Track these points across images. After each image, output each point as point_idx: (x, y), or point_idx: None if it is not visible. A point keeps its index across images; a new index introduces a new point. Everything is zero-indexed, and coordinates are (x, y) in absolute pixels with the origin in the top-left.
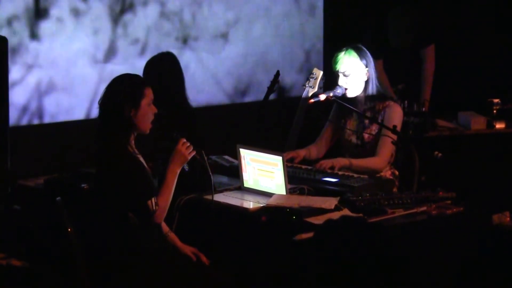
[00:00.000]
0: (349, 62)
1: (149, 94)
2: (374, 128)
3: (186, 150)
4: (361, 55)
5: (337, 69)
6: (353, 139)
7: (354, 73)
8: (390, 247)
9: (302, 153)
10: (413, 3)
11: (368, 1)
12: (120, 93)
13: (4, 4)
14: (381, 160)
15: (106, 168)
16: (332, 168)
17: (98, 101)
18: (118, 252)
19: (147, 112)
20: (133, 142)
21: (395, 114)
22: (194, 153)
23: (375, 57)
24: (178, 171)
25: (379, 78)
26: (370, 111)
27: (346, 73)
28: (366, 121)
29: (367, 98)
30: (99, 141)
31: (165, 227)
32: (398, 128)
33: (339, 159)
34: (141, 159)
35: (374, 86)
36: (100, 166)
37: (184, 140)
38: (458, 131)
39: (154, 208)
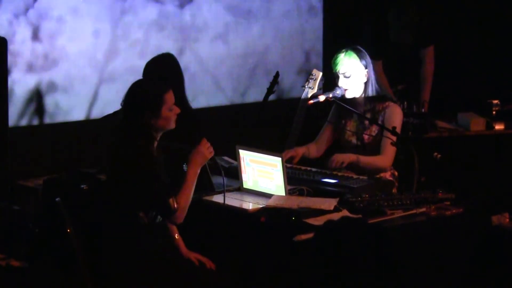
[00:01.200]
0: (349, 63)
1: (169, 100)
2: (374, 129)
3: (207, 150)
4: (360, 56)
5: (337, 70)
6: (353, 140)
7: (354, 74)
8: (390, 248)
9: (300, 151)
10: (414, 1)
11: (367, 2)
12: (140, 102)
13: (5, 4)
14: (387, 159)
15: (126, 167)
16: (341, 163)
17: (121, 102)
18: (124, 252)
19: (168, 116)
20: (156, 143)
21: (396, 115)
22: (213, 153)
23: (375, 58)
24: (199, 171)
25: (378, 79)
26: (370, 112)
27: (346, 74)
28: (366, 122)
29: (366, 99)
30: (120, 141)
31: (174, 231)
32: (398, 129)
33: (349, 155)
34: (161, 161)
35: (373, 87)
36: (117, 165)
37: (206, 140)
38: (457, 132)
39: (175, 206)
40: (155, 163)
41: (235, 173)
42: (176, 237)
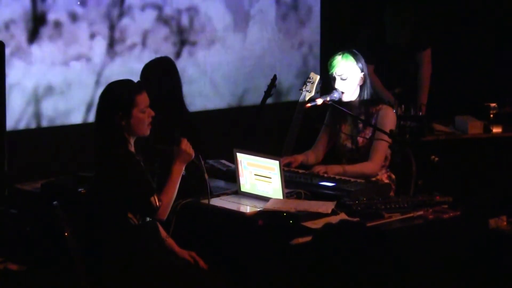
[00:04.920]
0: (346, 65)
1: (141, 102)
2: (368, 132)
3: (190, 148)
4: (357, 59)
5: (333, 73)
6: (348, 143)
7: (351, 77)
8: (388, 251)
9: (299, 158)
10: (410, 2)
11: (364, 6)
12: (109, 104)
13: (2, 8)
14: (374, 165)
15: (107, 169)
16: (325, 173)
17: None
18: (117, 254)
19: (140, 119)
20: (132, 142)
21: (388, 117)
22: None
23: (367, 62)
24: (183, 169)
25: (372, 82)
26: (364, 115)
27: (343, 77)
28: (360, 125)
29: (361, 102)
30: (96, 146)
31: (162, 232)
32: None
33: (333, 167)
34: (141, 161)
35: (369, 91)
36: (100, 168)
37: (186, 140)
38: (455, 135)
39: (157, 204)
40: (132, 163)
41: (232, 176)
42: (167, 238)
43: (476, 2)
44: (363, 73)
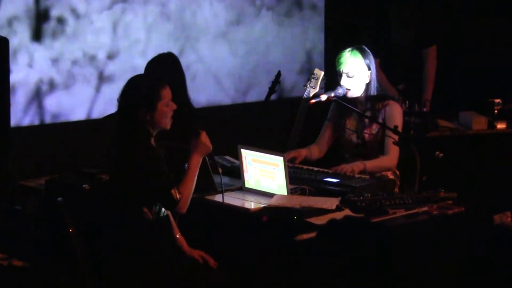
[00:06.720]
0: (353, 63)
1: (165, 95)
2: (374, 127)
3: (209, 141)
4: (365, 56)
5: (341, 69)
6: (354, 138)
7: (358, 74)
8: (393, 247)
9: (303, 152)
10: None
11: (369, 2)
12: (135, 97)
13: (5, 4)
14: (392, 159)
15: (129, 162)
16: (352, 172)
17: (117, 98)
18: (129, 248)
19: (164, 112)
20: (153, 139)
21: (396, 113)
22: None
23: (373, 56)
24: (201, 161)
25: (378, 78)
26: (370, 111)
27: (350, 74)
28: (366, 121)
29: (367, 98)
30: (119, 141)
31: (175, 229)
32: (400, 127)
33: (357, 164)
34: (162, 155)
35: (375, 88)
36: (121, 161)
37: (205, 133)
38: (459, 131)
39: (178, 197)
40: (155, 156)
41: (237, 172)
42: (178, 236)
43: None
44: (370, 71)
